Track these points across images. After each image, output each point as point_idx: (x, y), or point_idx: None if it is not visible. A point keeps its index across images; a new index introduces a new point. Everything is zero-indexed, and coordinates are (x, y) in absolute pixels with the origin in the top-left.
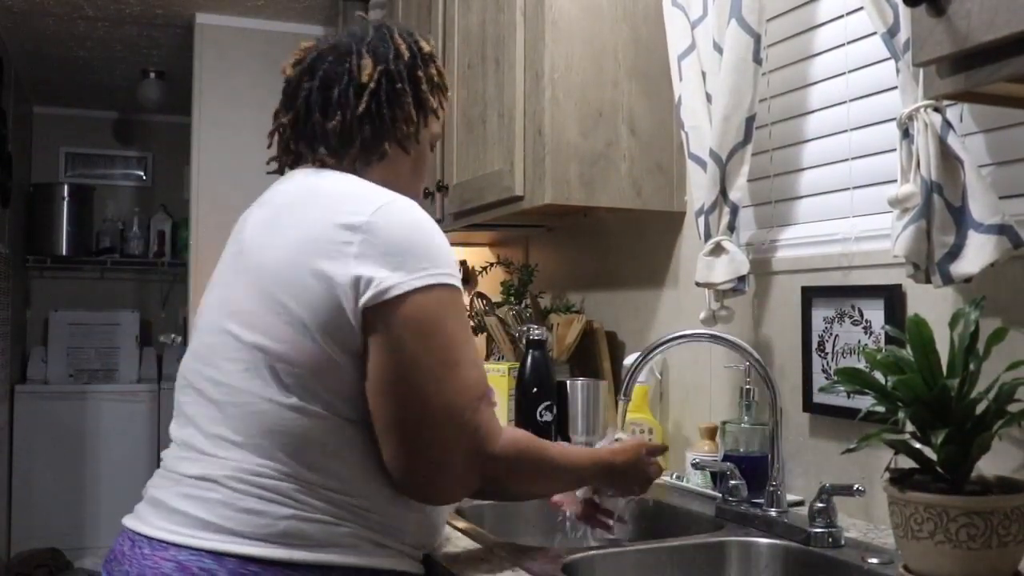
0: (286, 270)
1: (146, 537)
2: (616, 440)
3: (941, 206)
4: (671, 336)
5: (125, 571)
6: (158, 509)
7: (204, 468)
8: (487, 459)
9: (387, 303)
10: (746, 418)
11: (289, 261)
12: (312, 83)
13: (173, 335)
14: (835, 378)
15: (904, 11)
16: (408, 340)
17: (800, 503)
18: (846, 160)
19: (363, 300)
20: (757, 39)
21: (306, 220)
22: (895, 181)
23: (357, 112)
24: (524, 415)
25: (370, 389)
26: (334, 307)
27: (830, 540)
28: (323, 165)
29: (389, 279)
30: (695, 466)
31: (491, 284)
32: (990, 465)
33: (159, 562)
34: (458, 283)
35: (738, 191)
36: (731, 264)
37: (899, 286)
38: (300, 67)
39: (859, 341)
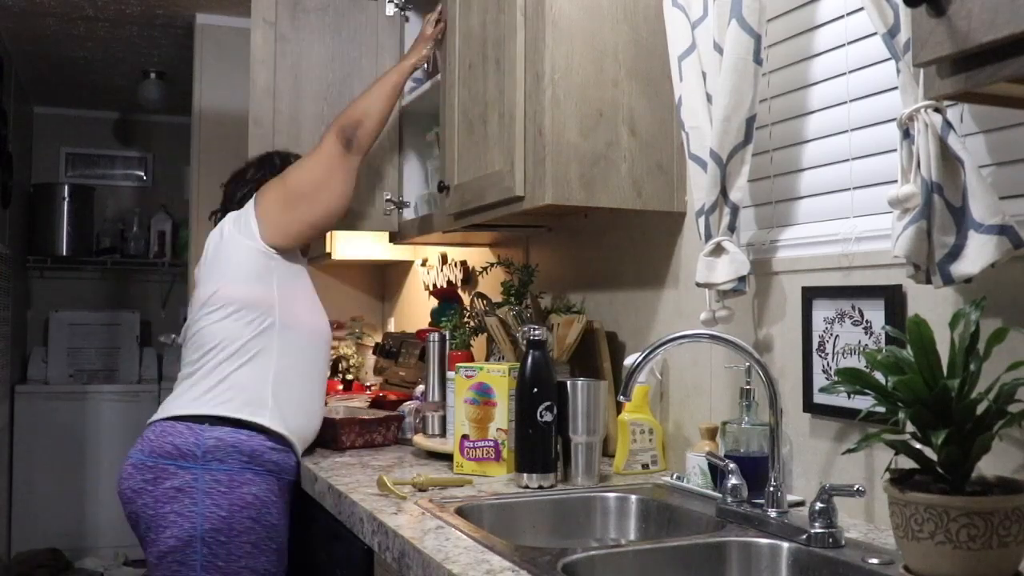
0: None
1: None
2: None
3: (941, 206)
4: (671, 336)
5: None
6: None
7: None
8: None
9: None
10: (746, 418)
11: None
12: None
13: (173, 335)
14: (835, 378)
15: (904, 11)
16: None
17: (800, 503)
18: (846, 160)
19: None
20: (757, 39)
21: None
22: (895, 181)
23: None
24: (524, 415)
25: None
26: None
27: (830, 540)
28: None
29: None
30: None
31: (491, 284)
32: (990, 465)
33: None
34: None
35: (738, 191)
36: (731, 264)
37: (899, 286)
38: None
39: (859, 341)
